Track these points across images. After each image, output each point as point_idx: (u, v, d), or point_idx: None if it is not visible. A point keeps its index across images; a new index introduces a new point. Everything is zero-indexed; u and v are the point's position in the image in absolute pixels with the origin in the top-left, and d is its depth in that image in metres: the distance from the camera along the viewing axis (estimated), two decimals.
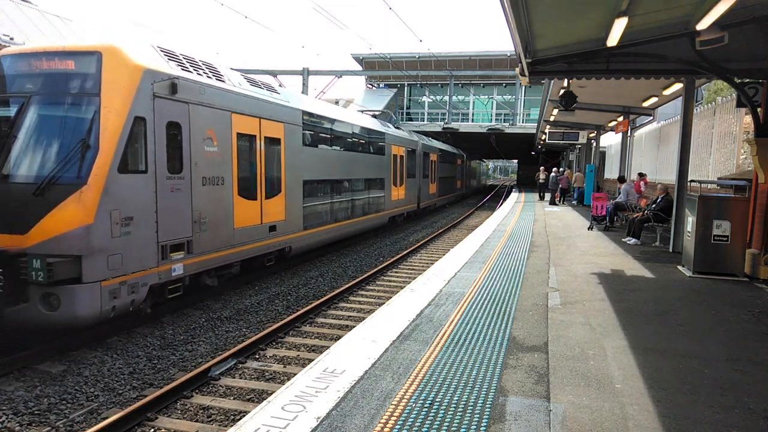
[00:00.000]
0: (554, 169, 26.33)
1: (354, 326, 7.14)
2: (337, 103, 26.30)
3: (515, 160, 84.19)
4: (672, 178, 12.04)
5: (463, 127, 40.64)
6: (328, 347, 5.46)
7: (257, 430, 3.43)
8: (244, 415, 4.07)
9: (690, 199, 9.15)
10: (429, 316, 6.00)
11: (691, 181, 10.30)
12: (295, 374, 4.60)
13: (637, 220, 12.35)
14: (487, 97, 46.86)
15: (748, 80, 8.98)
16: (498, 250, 10.81)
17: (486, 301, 6.67)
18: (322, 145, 13.73)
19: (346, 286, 10.72)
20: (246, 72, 16.37)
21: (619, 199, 14.77)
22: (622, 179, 16.02)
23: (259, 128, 10.37)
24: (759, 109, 8.70)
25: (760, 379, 4.40)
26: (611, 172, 25.64)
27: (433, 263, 10.86)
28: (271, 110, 10.82)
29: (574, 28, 8.17)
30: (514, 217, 18.29)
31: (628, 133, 21.06)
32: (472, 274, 8.37)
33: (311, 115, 12.90)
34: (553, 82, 13.77)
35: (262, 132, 10.50)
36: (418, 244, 16.95)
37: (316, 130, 13.35)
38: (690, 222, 8.79)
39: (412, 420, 3.59)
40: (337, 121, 14.73)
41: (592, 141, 25.70)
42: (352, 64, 49.58)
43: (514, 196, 32.48)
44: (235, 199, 9.59)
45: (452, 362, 4.62)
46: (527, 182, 48.10)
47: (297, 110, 12.07)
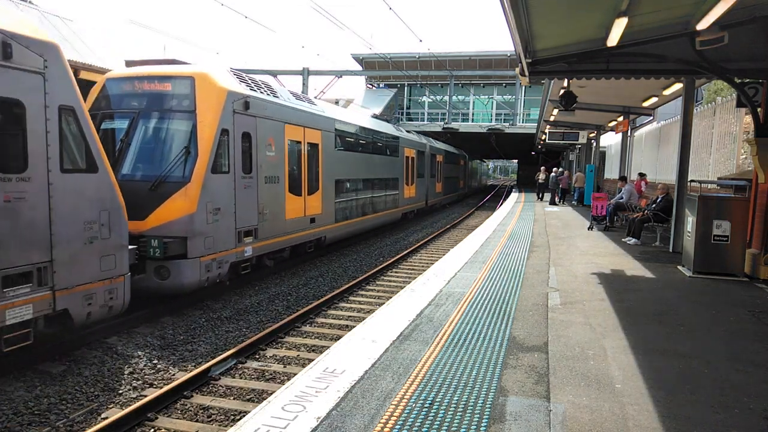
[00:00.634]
0: (554, 169, 26.33)
1: (354, 326, 7.14)
2: (337, 103, 26.31)
3: (515, 160, 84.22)
4: (672, 178, 12.04)
5: (463, 127, 40.64)
6: (328, 347, 5.46)
7: (257, 430, 3.43)
8: (245, 415, 4.07)
9: (690, 199, 9.15)
10: (429, 316, 6.00)
11: (691, 181, 10.30)
12: (296, 374, 4.61)
13: (637, 220, 12.35)
14: (487, 97, 46.89)
15: (748, 80, 8.98)
16: (498, 250, 10.81)
17: (486, 301, 6.67)
18: (350, 149, 15.61)
19: (346, 286, 10.72)
20: (246, 72, 16.40)
21: (621, 200, 14.77)
22: (624, 179, 16.02)
23: (303, 135, 12.23)
24: (759, 109, 8.70)
25: (760, 379, 4.40)
26: (611, 172, 25.64)
27: (433, 263, 10.87)
28: (312, 120, 12.69)
29: (574, 28, 8.17)
30: (514, 217, 18.29)
31: (628, 133, 21.05)
32: (472, 274, 8.37)
33: (341, 122, 14.79)
34: (553, 82, 13.77)
35: (306, 138, 12.37)
36: (418, 244, 16.95)
37: (345, 136, 15.17)
38: (690, 222, 8.79)
39: (412, 420, 3.59)
40: (360, 128, 16.76)
41: (592, 141, 25.70)
42: (352, 64, 49.61)
43: (514, 196, 32.48)
44: (286, 195, 11.45)
45: (452, 362, 4.62)
46: (527, 182, 48.13)
47: (331, 119, 13.94)
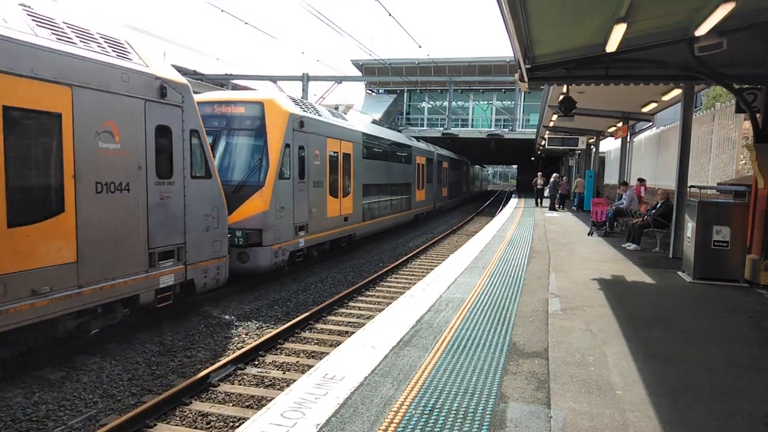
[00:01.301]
0: (554, 174, 26.35)
1: (354, 332, 7.13)
2: (337, 108, 26.48)
3: (515, 166, 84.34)
4: (671, 183, 12.04)
5: (463, 133, 40.73)
6: (328, 353, 5.44)
7: None
8: (243, 422, 4.05)
9: (690, 205, 9.15)
10: (429, 321, 5.98)
11: (691, 187, 10.31)
12: (295, 380, 4.59)
13: (636, 225, 12.34)
14: (486, 102, 47.03)
15: (746, 86, 9.00)
16: (498, 255, 10.80)
17: (486, 307, 6.66)
18: (373, 158, 17.96)
19: (346, 292, 10.70)
20: (246, 78, 16.56)
21: (622, 205, 14.76)
22: (625, 184, 16.03)
23: (339, 147, 14.65)
24: (758, 115, 8.72)
25: (760, 385, 4.38)
26: (611, 178, 25.66)
27: (433, 269, 10.85)
28: (345, 133, 15.15)
29: (573, 34, 8.19)
30: (514, 222, 18.29)
31: (628, 139, 21.09)
32: (471, 279, 8.36)
33: (366, 135, 17.22)
34: (552, 87, 13.79)
35: (341, 149, 14.77)
36: (418, 249, 16.93)
37: (370, 146, 17.56)
38: (690, 227, 8.78)
39: (412, 427, 3.57)
40: (381, 139, 19.31)
41: (592, 146, 25.74)
42: (351, 70, 49.68)
43: (514, 201, 32.50)
44: (327, 197, 13.83)
45: (452, 368, 4.60)
46: (527, 188, 48.22)
47: (359, 132, 16.46)
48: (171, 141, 7.96)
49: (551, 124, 20.40)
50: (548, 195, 25.61)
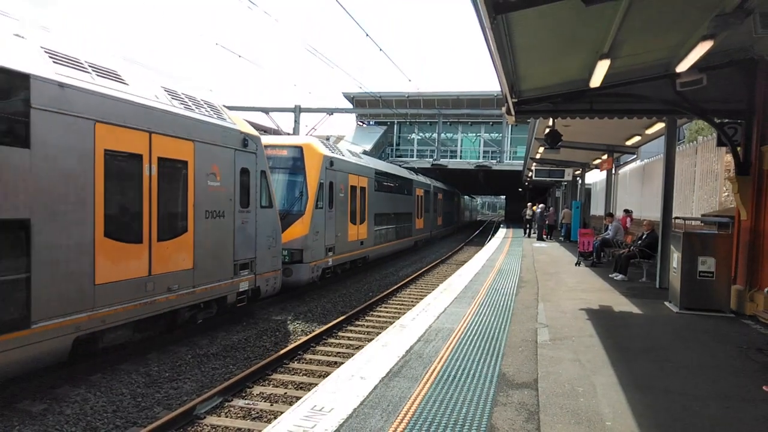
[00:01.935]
0: (541, 206, 26.63)
1: (343, 362, 7.05)
2: (328, 139, 26.87)
3: (503, 197, 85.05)
4: (656, 214, 12.21)
5: (452, 164, 41.16)
6: (316, 384, 5.39)
7: None
8: None
9: (675, 236, 9.27)
10: (418, 352, 5.96)
11: (676, 218, 10.46)
12: (282, 413, 4.53)
13: (623, 256, 12.45)
14: (474, 134, 47.68)
15: (727, 120, 9.25)
16: (487, 285, 10.83)
17: (475, 337, 6.65)
18: (382, 190, 20.51)
19: (335, 322, 10.63)
20: (240, 109, 16.97)
21: (608, 236, 14.91)
22: (611, 215, 16.23)
23: (358, 181, 17.25)
24: (738, 148, 8.95)
25: (749, 416, 4.40)
26: (597, 209, 25.97)
27: (422, 298, 10.83)
28: (361, 170, 17.85)
29: (558, 69, 8.43)
30: (503, 252, 18.37)
31: (613, 171, 21.43)
32: (461, 309, 8.36)
33: (377, 171, 19.97)
34: (538, 121, 14.07)
35: (359, 183, 17.35)
36: (408, 279, 16.90)
37: (380, 181, 20.20)
38: (675, 258, 8.89)
39: None
40: (389, 174, 22.17)
41: (578, 178, 26.09)
42: (343, 102, 50.35)
43: (502, 231, 32.67)
44: (348, 224, 16.30)
45: (442, 399, 4.58)
46: (515, 218, 48.58)
47: (372, 169, 19.27)
48: (249, 179, 10.34)
49: (538, 156, 20.73)
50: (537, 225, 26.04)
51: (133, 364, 7.81)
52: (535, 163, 23.59)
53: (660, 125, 12.37)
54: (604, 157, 19.67)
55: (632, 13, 5.94)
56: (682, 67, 7.61)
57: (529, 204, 28.77)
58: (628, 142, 16.57)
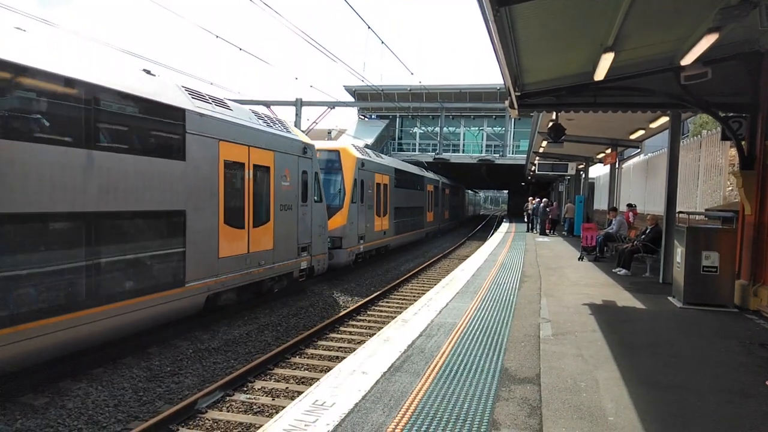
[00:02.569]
0: (544, 200, 26.53)
1: (344, 357, 7.05)
2: (329, 133, 26.88)
3: (506, 191, 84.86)
4: (660, 209, 12.16)
5: (454, 158, 41.04)
6: (318, 379, 5.38)
7: None
8: None
9: (678, 231, 9.22)
10: (420, 347, 5.94)
11: (679, 213, 10.40)
12: (284, 407, 4.51)
13: (626, 250, 12.41)
14: (477, 128, 47.48)
15: (731, 114, 9.18)
16: (489, 280, 10.80)
17: (478, 332, 6.63)
18: (400, 186, 22.90)
19: (337, 317, 10.62)
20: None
21: (612, 230, 14.86)
22: (614, 209, 16.16)
23: (381, 179, 19.80)
24: (743, 142, 8.88)
25: (752, 411, 4.37)
26: (600, 203, 25.88)
27: (424, 293, 10.82)
28: (385, 169, 20.52)
29: (562, 63, 8.36)
30: (505, 247, 18.33)
31: (617, 165, 21.34)
32: (463, 304, 8.33)
33: (396, 169, 22.54)
34: (541, 114, 14.00)
35: (382, 181, 19.94)
36: (410, 273, 16.89)
37: (398, 178, 22.73)
38: (679, 253, 8.84)
39: None
40: (406, 172, 24.54)
41: (581, 172, 26.00)
42: (344, 96, 50.19)
43: (505, 226, 32.62)
44: (374, 216, 18.86)
45: (444, 394, 4.56)
46: (517, 212, 48.53)
47: (392, 167, 21.87)
48: (307, 179, 12.92)
49: (541, 150, 20.65)
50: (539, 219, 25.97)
51: (135, 359, 7.82)
52: (538, 158, 23.49)
53: (664, 119, 12.30)
54: (608, 151, 19.59)
55: (637, 6, 5.87)
56: (687, 61, 7.53)
57: (530, 198, 28.65)
58: (632, 136, 16.50)
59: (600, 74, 7.87)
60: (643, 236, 12.35)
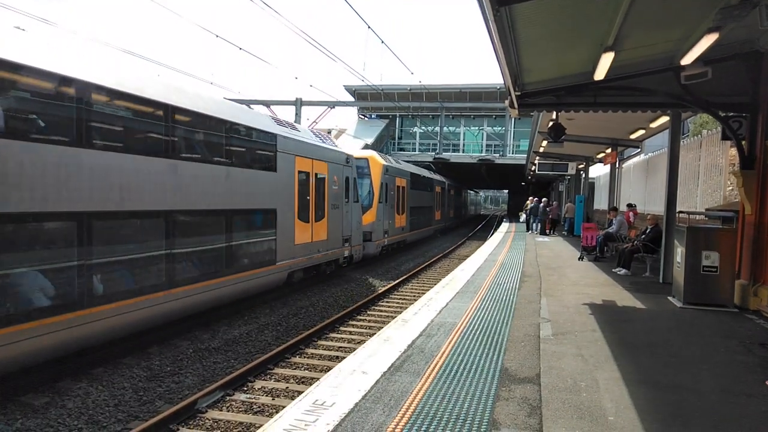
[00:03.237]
0: (544, 200, 26.50)
1: (344, 357, 7.05)
2: (329, 132, 26.90)
3: (506, 191, 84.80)
4: (660, 209, 12.15)
5: (454, 158, 41.02)
6: (318, 379, 5.38)
7: None
8: None
9: (679, 230, 9.21)
10: (420, 346, 5.94)
11: (680, 212, 10.40)
12: (284, 407, 4.51)
13: (627, 250, 12.41)
14: (477, 128, 47.44)
15: (731, 114, 9.17)
16: (489, 280, 10.80)
17: (478, 332, 6.63)
18: (414, 188, 26.03)
19: (337, 317, 10.62)
20: (241, 102, 17.04)
21: (612, 230, 14.85)
22: (615, 209, 16.15)
23: (401, 182, 23.17)
24: (743, 142, 8.87)
25: (753, 411, 4.37)
26: (601, 203, 25.87)
27: (424, 293, 10.82)
28: (403, 173, 23.85)
29: (562, 62, 8.36)
30: (505, 247, 18.33)
31: (617, 165, 21.33)
32: (463, 304, 8.33)
33: (412, 173, 25.70)
34: (541, 114, 13.98)
35: (401, 184, 23.19)
36: (410, 273, 16.90)
37: (413, 181, 25.76)
38: (679, 253, 8.83)
39: None
40: (419, 175, 27.62)
41: (581, 172, 25.98)
42: (344, 95, 50.18)
43: (505, 226, 32.61)
44: (395, 214, 21.99)
45: (444, 394, 4.56)
46: (518, 212, 48.46)
47: (408, 172, 25.13)
48: (348, 184, 16.05)
49: (541, 150, 20.63)
50: (524, 219, 26.16)
51: (135, 358, 7.83)
52: (538, 157, 23.48)
53: (664, 119, 12.29)
54: (608, 151, 19.57)
55: (637, 5, 5.87)
56: (687, 60, 7.53)
57: (530, 198, 28.60)
58: (632, 136, 16.48)
59: (600, 74, 7.87)
60: (643, 236, 12.35)
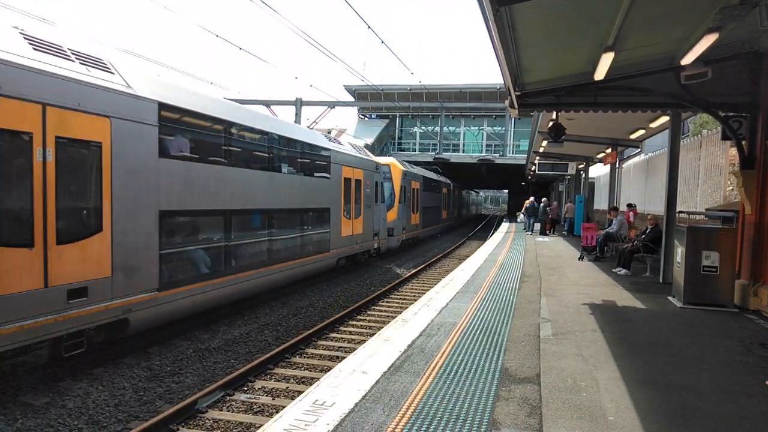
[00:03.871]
0: (543, 200, 26.49)
1: (344, 357, 7.05)
2: (330, 132, 26.88)
3: (506, 191, 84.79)
4: (660, 208, 12.15)
5: (454, 158, 41.03)
6: (318, 379, 5.38)
7: None
8: None
9: (679, 230, 9.21)
10: (420, 346, 5.94)
11: (680, 212, 10.40)
12: (284, 407, 4.51)
13: (627, 250, 12.40)
14: (477, 128, 47.43)
15: (732, 114, 9.17)
16: (489, 280, 10.80)
17: (478, 332, 6.63)
18: (426, 190, 29.00)
19: (337, 317, 10.62)
20: (241, 102, 17.07)
21: (612, 230, 14.85)
22: (615, 209, 16.15)
23: (415, 185, 26.17)
24: (743, 142, 8.87)
25: (753, 411, 4.37)
26: (601, 203, 25.87)
27: (424, 293, 10.81)
28: (418, 177, 26.97)
29: (562, 62, 8.36)
30: (505, 247, 18.33)
31: (617, 165, 21.32)
32: (463, 304, 8.33)
33: (424, 177, 28.77)
34: (542, 114, 13.98)
35: (415, 186, 26.16)
36: (410, 273, 16.90)
37: (425, 183, 28.85)
38: (679, 253, 8.83)
39: None
40: (430, 178, 30.88)
41: (581, 172, 25.97)
42: (344, 95, 50.15)
43: (505, 226, 32.61)
44: (411, 213, 25.04)
45: (444, 394, 4.56)
46: (517, 212, 48.42)
47: (421, 175, 28.12)
48: (377, 187, 19.25)
49: (541, 150, 20.62)
50: (522, 219, 26.22)
51: (135, 358, 7.83)
52: (538, 157, 23.47)
53: (664, 119, 12.28)
54: (608, 151, 19.56)
55: (637, 5, 5.87)
56: (687, 60, 7.53)
57: (531, 198, 28.57)
58: (632, 136, 16.48)
59: (600, 74, 7.87)
60: (644, 236, 12.34)
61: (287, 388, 7.01)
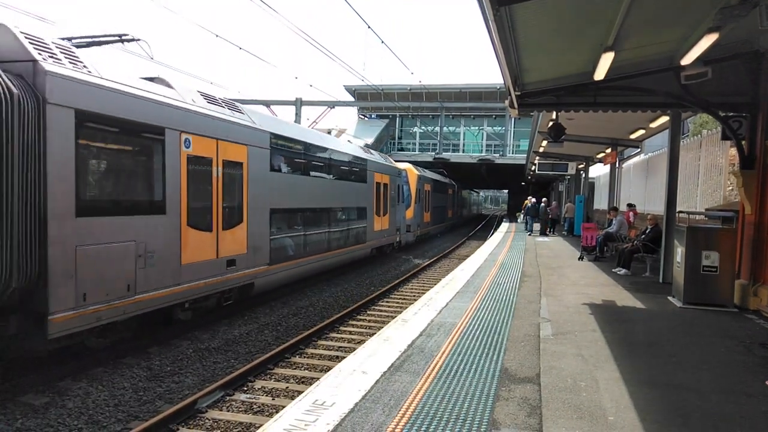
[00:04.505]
0: (544, 200, 26.48)
1: (344, 357, 7.05)
2: (329, 132, 26.95)
3: (506, 191, 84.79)
4: (660, 208, 12.15)
5: (454, 158, 41.05)
6: (318, 379, 5.38)
7: None
8: None
9: (679, 230, 9.21)
10: (420, 346, 5.94)
11: (680, 212, 10.40)
12: (284, 407, 4.51)
13: (626, 250, 12.40)
14: (477, 128, 47.45)
15: (732, 114, 9.17)
16: (489, 279, 10.80)
17: (478, 332, 6.63)
18: (435, 191, 31.48)
19: (337, 316, 10.62)
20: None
21: (612, 230, 14.85)
22: (615, 209, 16.15)
23: (427, 186, 28.85)
24: (743, 142, 8.87)
25: (753, 411, 4.38)
26: (601, 203, 25.87)
27: (424, 293, 10.82)
28: (429, 180, 29.90)
29: (562, 62, 8.36)
30: (505, 246, 18.33)
31: (617, 165, 21.33)
32: (463, 304, 8.34)
33: (433, 180, 31.41)
34: (541, 114, 13.98)
35: (427, 188, 28.91)
36: (410, 273, 16.90)
37: (434, 185, 31.32)
38: (679, 253, 8.83)
39: None
40: (438, 181, 33.17)
41: (581, 172, 25.97)
42: (344, 95, 50.17)
43: (505, 225, 32.62)
44: (423, 212, 27.92)
45: (444, 394, 4.56)
46: (516, 212, 48.46)
47: (431, 178, 30.79)
48: (399, 190, 22.53)
49: (541, 150, 20.62)
50: (522, 219, 26.23)
51: (135, 358, 7.83)
52: (538, 157, 23.47)
53: (664, 119, 12.28)
54: (608, 151, 19.57)
55: (637, 5, 5.87)
56: (687, 60, 7.53)
57: (529, 198, 28.59)
58: (632, 136, 16.48)
59: (600, 74, 7.87)
60: (643, 236, 12.35)
61: (287, 388, 7.01)
